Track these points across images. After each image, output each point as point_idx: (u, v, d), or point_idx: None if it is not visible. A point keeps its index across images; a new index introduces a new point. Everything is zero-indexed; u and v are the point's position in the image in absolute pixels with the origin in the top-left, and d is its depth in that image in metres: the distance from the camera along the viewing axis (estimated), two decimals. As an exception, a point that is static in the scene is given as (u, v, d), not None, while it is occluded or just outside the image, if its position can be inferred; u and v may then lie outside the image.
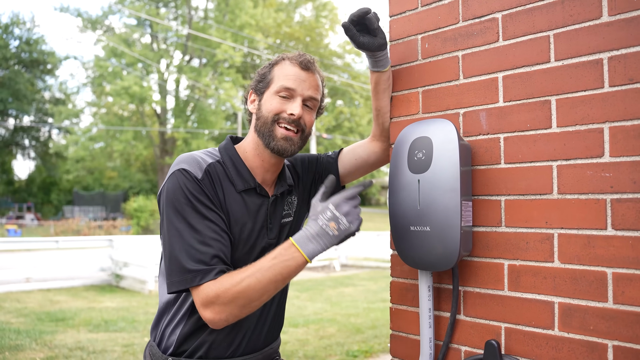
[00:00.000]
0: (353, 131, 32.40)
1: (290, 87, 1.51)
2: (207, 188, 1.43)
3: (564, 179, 1.25)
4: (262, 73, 1.59)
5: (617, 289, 1.16)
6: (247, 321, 1.52)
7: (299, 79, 1.53)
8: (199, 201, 1.41)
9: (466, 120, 1.44)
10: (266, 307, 1.57)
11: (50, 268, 10.92)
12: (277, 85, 1.53)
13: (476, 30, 1.43)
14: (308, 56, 1.57)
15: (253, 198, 1.53)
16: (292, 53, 1.59)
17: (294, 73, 1.53)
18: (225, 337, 1.51)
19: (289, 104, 1.52)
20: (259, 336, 1.57)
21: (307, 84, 1.54)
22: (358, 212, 1.38)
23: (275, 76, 1.54)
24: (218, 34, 31.28)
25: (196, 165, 1.46)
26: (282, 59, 1.58)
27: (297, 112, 1.50)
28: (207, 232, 1.39)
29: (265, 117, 1.52)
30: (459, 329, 1.42)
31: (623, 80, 1.17)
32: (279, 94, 1.52)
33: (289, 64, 1.55)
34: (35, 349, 5.61)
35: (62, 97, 40.13)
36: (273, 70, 1.56)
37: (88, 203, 35.62)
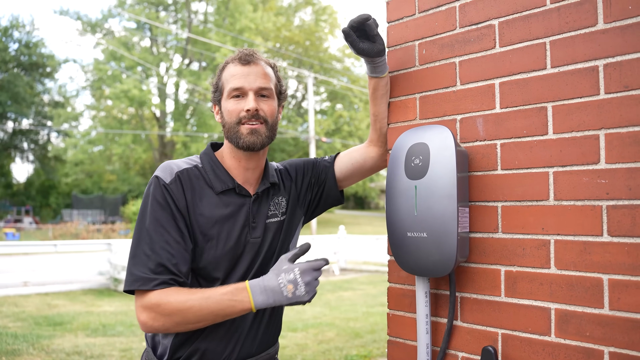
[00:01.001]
0: (352, 135, 32.41)
1: (237, 86, 1.55)
2: (173, 193, 1.48)
3: (560, 186, 1.25)
4: (214, 83, 1.65)
5: (613, 295, 1.16)
6: (240, 327, 1.54)
7: (243, 75, 1.56)
8: (161, 207, 1.46)
9: (463, 126, 1.44)
10: (259, 313, 1.58)
11: (49, 272, 10.90)
12: (227, 89, 1.58)
13: (473, 36, 1.43)
14: (247, 50, 1.61)
15: (233, 198, 1.57)
16: (235, 54, 1.62)
17: (237, 71, 1.57)
18: (219, 343, 1.52)
19: (243, 102, 1.55)
20: (253, 341, 1.57)
21: (253, 77, 1.56)
22: (316, 285, 1.45)
23: (224, 81, 1.59)
24: (218, 38, 31.32)
25: (168, 172, 1.52)
26: (227, 62, 1.62)
27: (252, 106, 1.54)
28: (159, 241, 1.43)
29: (229, 122, 1.57)
30: (456, 335, 1.42)
31: (618, 87, 1.18)
32: (232, 97, 1.56)
33: (231, 65, 1.59)
34: (32, 353, 5.59)
35: (61, 100, 40.13)
36: (222, 76, 1.62)
37: (87, 206, 35.55)
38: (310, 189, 1.76)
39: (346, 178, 1.77)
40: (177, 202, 1.48)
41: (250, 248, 1.56)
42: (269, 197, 1.65)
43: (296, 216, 1.73)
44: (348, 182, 1.79)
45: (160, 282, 1.40)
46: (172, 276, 1.42)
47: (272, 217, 1.63)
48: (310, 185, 1.76)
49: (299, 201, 1.74)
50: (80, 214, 33.63)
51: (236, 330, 1.54)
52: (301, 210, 1.75)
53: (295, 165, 1.79)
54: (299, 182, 1.75)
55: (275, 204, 1.66)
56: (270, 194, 1.66)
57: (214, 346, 1.51)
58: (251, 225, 1.57)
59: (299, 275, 1.40)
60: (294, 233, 1.71)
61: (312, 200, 1.77)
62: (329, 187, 1.76)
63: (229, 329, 1.52)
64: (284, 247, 1.66)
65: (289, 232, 1.68)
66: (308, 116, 28.15)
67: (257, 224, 1.59)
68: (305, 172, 1.77)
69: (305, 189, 1.76)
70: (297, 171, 1.77)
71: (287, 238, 1.67)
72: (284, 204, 1.68)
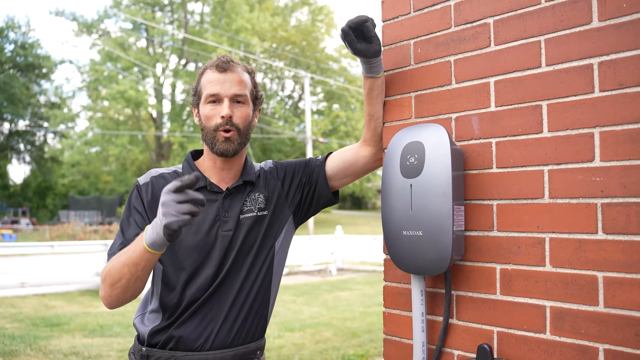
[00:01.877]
0: (349, 135, 32.40)
1: (213, 92, 1.64)
2: (141, 191, 1.66)
3: (555, 184, 1.26)
4: (194, 87, 1.74)
5: (608, 293, 1.16)
6: (215, 317, 1.61)
7: (219, 82, 1.64)
8: (132, 206, 1.66)
9: (458, 125, 1.45)
10: (236, 305, 1.63)
11: (46, 273, 10.86)
12: (204, 95, 1.67)
13: (468, 35, 1.43)
14: (225, 57, 1.69)
15: (205, 195, 1.65)
16: (213, 60, 1.70)
17: (214, 78, 1.65)
18: (193, 331, 1.60)
19: (219, 108, 1.64)
20: (229, 333, 1.62)
21: (228, 84, 1.65)
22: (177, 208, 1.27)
23: (202, 86, 1.68)
24: (214, 38, 31.28)
25: (145, 176, 1.71)
26: (205, 68, 1.71)
27: (226, 113, 1.62)
28: (119, 236, 1.62)
29: (207, 127, 1.66)
30: (452, 333, 1.42)
31: (613, 85, 1.18)
32: (208, 102, 1.66)
33: (209, 72, 1.68)
34: (30, 354, 5.58)
35: (57, 101, 40.03)
36: (200, 81, 1.70)
37: (84, 207, 35.48)
38: (301, 188, 1.78)
39: (338, 177, 1.78)
40: (144, 200, 1.64)
41: (221, 241, 1.64)
42: (244, 194, 1.71)
43: (282, 215, 1.75)
44: (340, 182, 1.79)
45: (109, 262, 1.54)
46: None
47: (247, 213, 1.69)
48: (301, 185, 1.78)
49: (286, 200, 1.77)
50: (77, 215, 33.56)
51: (211, 320, 1.61)
52: (289, 210, 1.77)
53: (286, 165, 1.83)
54: (287, 182, 1.79)
55: (252, 200, 1.72)
56: (247, 190, 1.72)
57: (188, 334, 1.60)
58: (222, 219, 1.65)
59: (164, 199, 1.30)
60: (279, 231, 1.74)
61: (303, 200, 1.79)
62: (320, 186, 1.77)
63: (203, 318, 1.61)
64: (266, 244, 1.70)
65: (271, 229, 1.72)
66: (305, 116, 28.15)
67: (229, 218, 1.66)
68: (295, 172, 1.80)
69: (295, 188, 1.78)
70: (287, 171, 1.80)
71: (269, 235, 1.71)
72: (261, 199, 1.73)
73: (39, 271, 10.94)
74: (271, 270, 1.71)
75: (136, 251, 1.41)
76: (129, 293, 1.50)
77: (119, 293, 1.49)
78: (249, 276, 1.66)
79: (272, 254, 1.72)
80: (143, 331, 1.66)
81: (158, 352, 1.61)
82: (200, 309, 1.61)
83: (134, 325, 1.71)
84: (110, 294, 1.51)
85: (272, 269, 1.72)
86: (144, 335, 1.65)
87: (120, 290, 1.49)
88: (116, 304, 1.54)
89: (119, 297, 1.51)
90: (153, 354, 1.61)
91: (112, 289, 1.49)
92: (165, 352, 1.60)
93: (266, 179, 1.78)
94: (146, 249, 1.37)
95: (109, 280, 1.49)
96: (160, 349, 1.61)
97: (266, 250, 1.70)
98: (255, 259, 1.68)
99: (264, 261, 1.69)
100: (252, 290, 1.66)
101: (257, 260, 1.68)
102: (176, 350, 1.59)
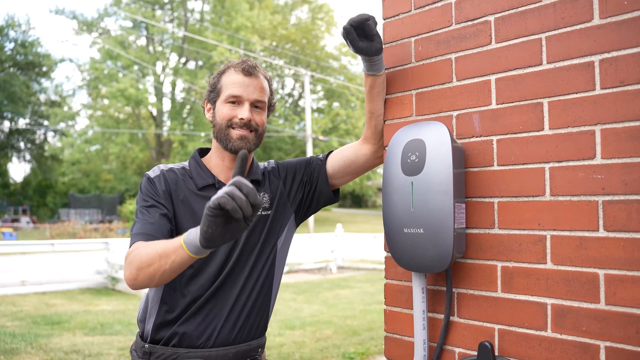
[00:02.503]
0: (349, 133, 32.38)
1: (236, 94, 1.66)
2: (154, 184, 1.66)
3: (556, 181, 1.26)
4: (212, 83, 1.74)
5: (609, 290, 1.16)
6: (219, 314, 1.62)
7: (243, 85, 1.67)
8: (147, 195, 1.64)
9: (459, 122, 1.44)
10: (239, 302, 1.64)
11: (46, 271, 10.87)
12: (225, 94, 1.68)
13: (469, 33, 1.43)
14: (250, 62, 1.71)
15: (212, 193, 1.64)
16: (237, 60, 1.74)
17: (239, 80, 1.67)
18: (196, 327, 1.61)
19: (238, 110, 1.66)
20: (232, 330, 1.63)
21: (252, 89, 1.68)
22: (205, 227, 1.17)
23: (223, 85, 1.69)
24: (214, 36, 31.26)
25: (155, 170, 1.71)
26: (228, 67, 1.72)
27: (246, 116, 1.65)
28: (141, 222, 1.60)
29: (220, 124, 1.68)
30: (453, 330, 1.42)
31: (614, 83, 1.18)
32: (228, 102, 1.67)
33: (233, 72, 1.70)
34: (30, 352, 5.59)
35: (57, 100, 40.01)
36: (221, 79, 1.71)
37: (84, 206, 35.51)
38: (302, 187, 1.80)
39: (339, 176, 1.78)
40: (157, 191, 1.64)
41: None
42: None
43: (285, 214, 1.77)
44: (341, 180, 1.80)
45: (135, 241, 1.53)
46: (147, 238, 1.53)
47: None
48: (302, 184, 1.80)
49: (288, 199, 1.78)
50: (77, 213, 33.60)
51: (214, 317, 1.62)
52: (291, 209, 1.79)
53: (287, 164, 1.84)
54: (289, 181, 1.80)
55: None
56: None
57: (191, 331, 1.60)
58: None
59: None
60: (281, 230, 1.76)
61: (305, 198, 1.80)
62: (321, 185, 1.78)
63: (207, 316, 1.61)
64: (269, 243, 1.71)
65: (274, 228, 1.74)
66: (305, 114, 28.14)
67: None
68: (297, 171, 1.81)
69: (297, 187, 1.79)
70: (288, 170, 1.82)
71: (272, 234, 1.73)
72: (266, 199, 1.74)
73: (40, 269, 10.95)
74: (273, 268, 1.72)
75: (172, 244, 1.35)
76: (154, 282, 1.43)
77: (144, 279, 1.43)
78: (252, 274, 1.67)
79: (275, 252, 1.73)
80: (146, 328, 1.66)
81: (161, 349, 1.61)
82: (204, 306, 1.61)
83: (139, 323, 1.71)
84: (135, 277, 1.44)
85: (274, 267, 1.73)
86: (147, 331, 1.65)
87: (145, 277, 1.42)
88: (140, 287, 1.48)
89: (144, 282, 1.45)
90: (156, 351, 1.61)
91: (138, 272, 1.43)
92: (168, 349, 1.60)
93: (269, 178, 1.79)
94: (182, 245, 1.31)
95: (136, 264, 1.43)
96: (163, 346, 1.61)
97: (268, 249, 1.71)
98: (258, 257, 1.68)
99: (266, 259, 1.70)
100: (254, 288, 1.67)
101: (259, 259, 1.69)
102: (179, 346, 1.60)
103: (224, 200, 1.10)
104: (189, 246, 1.27)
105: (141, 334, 1.69)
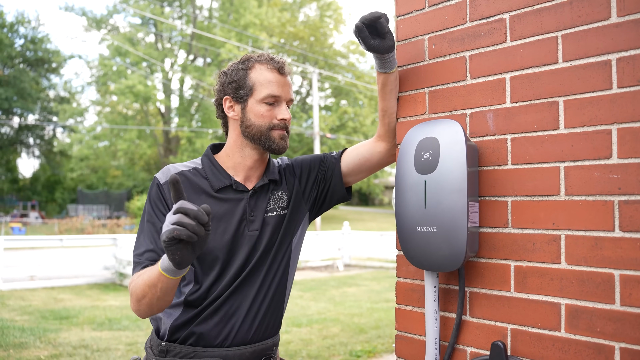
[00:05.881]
0: (357, 131, 32.33)
1: (275, 94, 1.63)
2: (164, 191, 1.60)
3: (571, 180, 1.25)
4: (237, 79, 1.65)
5: (625, 291, 1.16)
6: (236, 313, 1.60)
7: (281, 84, 1.64)
8: (154, 204, 1.60)
9: (473, 121, 1.44)
10: (256, 302, 1.62)
11: (55, 266, 10.95)
12: (262, 93, 1.62)
13: (484, 30, 1.42)
14: (282, 59, 1.68)
15: (230, 194, 1.64)
16: (262, 56, 1.67)
17: (276, 80, 1.64)
18: (214, 327, 1.59)
19: (276, 110, 1.64)
20: (249, 330, 1.61)
21: (287, 88, 1.66)
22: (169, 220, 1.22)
23: (257, 83, 1.63)
24: (222, 34, 31.31)
25: (165, 173, 1.64)
26: (254, 62, 1.66)
27: (289, 117, 1.65)
28: (151, 229, 1.57)
29: (259, 125, 1.63)
30: (465, 330, 1.42)
31: (632, 82, 1.17)
32: (265, 102, 1.62)
33: (266, 70, 1.64)
34: (39, 346, 5.62)
35: (66, 96, 40.25)
36: (250, 76, 1.64)
37: (92, 202, 35.68)
38: (317, 185, 1.78)
39: (353, 174, 1.77)
40: (167, 200, 1.59)
41: (248, 241, 1.62)
42: (268, 192, 1.70)
43: (300, 212, 1.75)
44: (355, 178, 1.79)
45: (145, 265, 1.51)
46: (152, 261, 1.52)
47: (271, 212, 1.68)
48: (317, 182, 1.78)
49: (303, 197, 1.76)
50: (85, 209, 33.77)
51: (232, 317, 1.60)
52: (305, 207, 1.77)
53: (302, 161, 1.81)
54: (304, 179, 1.78)
55: (275, 199, 1.70)
56: (270, 189, 1.71)
57: (209, 330, 1.58)
58: (249, 218, 1.64)
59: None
60: (296, 228, 1.74)
61: (319, 196, 1.78)
62: (335, 183, 1.77)
63: (224, 315, 1.59)
64: (285, 242, 1.69)
65: (290, 227, 1.71)
66: (312, 112, 28.12)
67: (255, 217, 1.65)
68: (311, 168, 1.79)
69: (311, 185, 1.78)
70: (303, 168, 1.79)
71: (288, 233, 1.70)
72: (284, 198, 1.72)
73: (48, 264, 11.03)
74: (288, 267, 1.71)
75: (153, 273, 1.38)
76: (155, 309, 1.47)
77: (145, 309, 1.47)
78: (269, 273, 1.65)
79: (290, 250, 1.71)
80: (162, 326, 1.63)
81: (178, 347, 1.59)
82: (222, 306, 1.59)
83: (154, 320, 1.68)
84: (138, 308, 1.48)
85: (289, 265, 1.71)
86: (165, 330, 1.62)
87: (145, 307, 1.46)
88: (146, 315, 1.51)
89: (147, 312, 1.48)
90: (172, 349, 1.59)
91: (139, 305, 1.46)
92: (185, 348, 1.58)
93: (286, 176, 1.77)
94: (160, 272, 1.35)
95: (135, 297, 1.46)
96: (180, 344, 1.59)
97: (284, 247, 1.69)
98: (275, 256, 1.66)
99: (282, 258, 1.68)
100: (271, 287, 1.65)
101: (276, 258, 1.67)
102: (196, 346, 1.58)
103: (177, 233, 1.18)
104: (168, 271, 1.34)
105: (157, 331, 1.66)
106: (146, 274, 1.42)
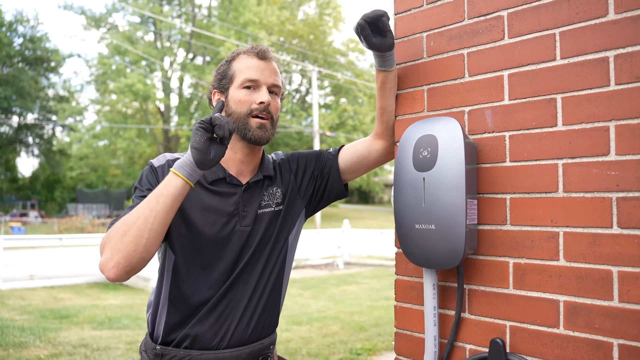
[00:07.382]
0: (356, 129, 32.32)
1: (253, 78, 1.61)
2: (157, 174, 1.59)
3: (569, 177, 1.25)
4: (221, 71, 1.68)
5: (623, 288, 1.16)
6: (232, 314, 1.57)
7: (260, 68, 1.62)
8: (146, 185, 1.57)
9: (471, 118, 1.44)
10: (253, 301, 1.60)
11: (54, 265, 10.94)
12: (240, 78, 1.62)
13: (482, 28, 1.42)
14: (262, 46, 1.67)
15: (223, 187, 1.62)
16: (246, 47, 1.68)
17: (254, 64, 1.63)
18: (209, 329, 1.55)
19: (255, 94, 1.61)
20: (246, 330, 1.59)
21: (268, 72, 1.63)
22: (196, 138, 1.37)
23: (237, 70, 1.63)
24: (221, 32, 31.28)
25: (160, 159, 1.64)
26: (238, 53, 1.67)
27: (266, 99, 1.60)
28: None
29: (237, 111, 1.61)
30: (464, 327, 1.42)
31: (629, 79, 1.17)
32: (244, 86, 1.61)
33: (246, 57, 1.65)
34: (39, 346, 5.63)
35: (65, 95, 40.22)
36: (232, 66, 1.66)
37: (92, 201, 35.70)
38: (313, 181, 1.76)
39: (350, 171, 1.77)
40: (159, 182, 1.54)
41: (239, 236, 1.60)
42: (263, 188, 1.68)
43: (295, 208, 1.73)
44: (352, 175, 1.78)
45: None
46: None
47: (265, 207, 1.66)
48: (313, 178, 1.76)
49: (299, 193, 1.75)
50: (85, 208, 33.78)
51: (227, 318, 1.57)
52: (302, 203, 1.75)
53: (298, 157, 1.80)
54: (300, 175, 1.76)
55: (270, 195, 1.68)
56: (265, 184, 1.69)
57: (204, 332, 1.55)
58: (241, 213, 1.61)
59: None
60: (292, 225, 1.72)
61: (315, 192, 1.77)
62: (332, 179, 1.76)
63: (219, 316, 1.56)
64: (280, 238, 1.67)
65: (286, 223, 1.70)
66: (312, 110, 28.12)
67: (248, 213, 1.62)
68: (307, 164, 1.78)
69: (307, 181, 1.76)
70: (299, 163, 1.78)
71: (283, 229, 1.69)
72: (279, 194, 1.70)
73: (48, 263, 11.03)
74: (284, 264, 1.69)
75: (158, 187, 1.39)
76: (140, 248, 1.34)
77: (128, 247, 1.33)
78: (265, 272, 1.62)
79: (286, 248, 1.69)
80: (156, 329, 1.60)
81: (173, 351, 1.55)
82: (217, 306, 1.56)
83: (149, 322, 1.65)
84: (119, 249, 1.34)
85: (285, 262, 1.69)
86: (158, 333, 1.59)
87: (130, 241, 1.33)
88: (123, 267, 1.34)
89: (129, 252, 1.33)
90: (167, 353, 1.55)
91: (121, 241, 1.34)
92: (180, 351, 1.54)
93: (281, 172, 1.75)
94: (172, 172, 1.38)
95: (118, 233, 1.35)
96: (175, 348, 1.55)
97: (280, 245, 1.67)
98: (270, 254, 1.64)
99: (278, 256, 1.66)
100: (267, 286, 1.63)
101: (272, 256, 1.64)
102: (192, 349, 1.54)
103: (216, 116, 1.35)
104: (181, 169, 1.37)
105: (151, 333, 1.63)
106: (143, 200, 1.41)
